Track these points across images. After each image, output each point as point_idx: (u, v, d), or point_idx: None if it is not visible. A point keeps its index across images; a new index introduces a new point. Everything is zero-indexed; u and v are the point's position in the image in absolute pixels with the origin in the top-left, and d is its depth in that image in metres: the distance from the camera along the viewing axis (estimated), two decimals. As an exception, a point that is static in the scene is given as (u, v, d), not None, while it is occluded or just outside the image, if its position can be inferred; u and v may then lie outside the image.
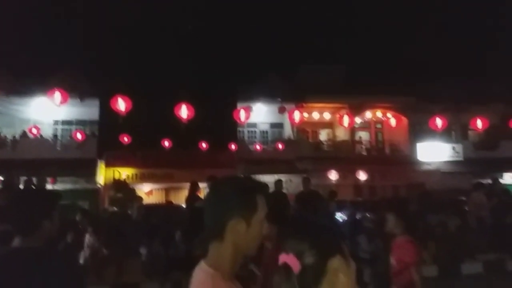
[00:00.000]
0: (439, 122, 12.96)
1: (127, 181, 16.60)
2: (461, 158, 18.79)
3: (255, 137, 21.48)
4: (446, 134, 18.84)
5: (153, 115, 16.10)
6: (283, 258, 1.27)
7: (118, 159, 18.02)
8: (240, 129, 20.33)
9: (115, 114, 11.40)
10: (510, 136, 17.93)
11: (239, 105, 16.51)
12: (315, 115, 20.79)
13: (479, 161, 18.38)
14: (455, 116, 17.59)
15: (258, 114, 20.36)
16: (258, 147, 19.68)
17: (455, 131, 19.55)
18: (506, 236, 10.26)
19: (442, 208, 11.00)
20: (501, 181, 17.71)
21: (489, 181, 15.04)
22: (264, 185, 1.64)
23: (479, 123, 13.57)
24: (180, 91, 13.84)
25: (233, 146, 18.25)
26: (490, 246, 10.31)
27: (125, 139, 16.61)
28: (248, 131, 21.64)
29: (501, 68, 20.48)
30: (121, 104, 11.07)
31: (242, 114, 13.90)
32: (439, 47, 32.57)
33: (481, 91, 17.82)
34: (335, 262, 1.22)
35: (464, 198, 12.20)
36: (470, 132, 19.57)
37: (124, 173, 17.79)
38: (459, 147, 19.00)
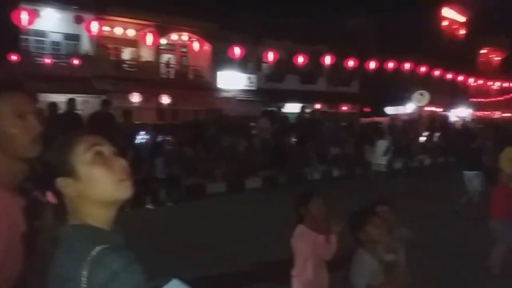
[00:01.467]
0: (237, 51, 13.76)
1: None
2: (254, 88, 20.74)
3: (45, 48, 18.49)
4: (244, 64, 20.33)
5: None
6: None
7: None
8: (24, 37, 17.12)
9: None
10: (294, 71, 20.62)
11: (21, 6, 13.64)
12: (118, 31, 19.14)
13: (269, 91, 20.72)
14: (252, 48, 19.00)
15: (49, 22, 17.47)
16: (48, 61, 17.14)
17: (252, 63, 21.24)
18: (281, 155, 12.16)
19: (234, 131, 12.12)
20: (284, 110, 20.61)
21: (274, 109, 17.25)
22: None
23: (270, 56, 15.03)
24: None
25: (14, 57, 15.37)
26: (269, 164, 12.07)
27: None
28: (36, 41, 18.42)
29: (294, 8, 22.82)
30: None
31: (24, 17, 11.55)
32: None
33: (275, 27, 19.58)
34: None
35: (253, 124, 13.67)
36: (263, 65, 21.58)
37: None
38: (253, 77, 20.85)
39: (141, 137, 10.39)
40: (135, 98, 17.79)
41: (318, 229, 2.95)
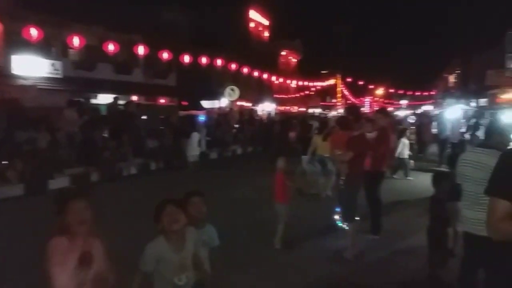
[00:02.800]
0: (34, 33, 11.97)
1: None
2: (60, 76, 18.49)
3: None
4: (47, 49, 17.90)
5: None
6: None
7: None
8: None
9: None
10: (106, 59, 19.25)
11: None
12: None
13: (78, 80, 18.79)
14: (55, 31, 16.87)
15: None
16: None
17: (56, 48, 18.89)
18: (92, 150, 11.19)
19: (34, 125, 10.55)
20: (95, 101, 19.06)
21: (81, 99, 15.78)
22: None
23: (76, 41, 13.60)
24: None
25: None
26: (77, 161, 10.95)
27: None
28: None
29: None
30: None
31: None
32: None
33: (83, 10, 17.86)
34: None
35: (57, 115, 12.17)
36: (71, 51, 19.46)
37: None
38: (58, 64, 18.55)
39: None
40: None
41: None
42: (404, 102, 58.71)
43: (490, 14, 50.47)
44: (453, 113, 13.90)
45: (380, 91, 61.73)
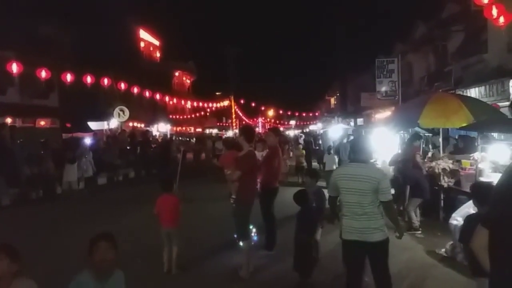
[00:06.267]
0: None
1: None
2: None
3: None
4: None
5: None
6: None
7: None
8: None
9: None
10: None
11: None
12: None
13: None
14: None
15: None
16: None
17: None
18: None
19: None
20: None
21: None
22: None
23: None
24: None
25: None
26: None
27: None
28: None
29: None
30: None
31: None
32: None
33: None
34: None
35: None
36: None
37: None
38: None
39: None
40: None
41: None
42: (293, 122, 62.51)
43: (364, 43, 56.93)
44: (335, 131, 15.22)
45: (271, 112, 64.84)
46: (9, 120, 18.45)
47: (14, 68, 13.17)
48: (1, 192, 10.87)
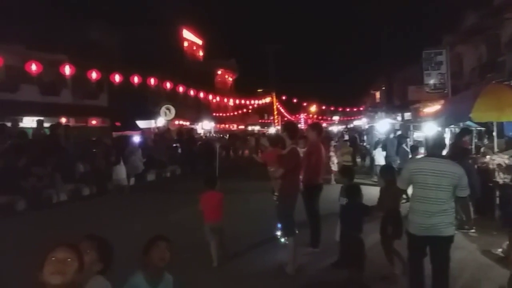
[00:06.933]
0: None
1: None
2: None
3: None
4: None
5: None
6: None
7: None
8: None
9: None
10: (31, 80, 18.09)
11: None
12: None
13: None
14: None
15: None
16: None
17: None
18: (15, 177, 10.32)
19: None
20: (22, 124, 17.71)
21: (6, 123, 14.60)
22: None
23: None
24: None
25: None
26: (0, 189, 10.04)
27: None
28: None
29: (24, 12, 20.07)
30: None
31: None
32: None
33: (3, 29, 16.72)
34: None
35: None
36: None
37: None
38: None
39: None
40: None
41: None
42: (336, 118, 61.41)
43: (409, 34, 54.92)
44: (382, 127, 14.81)
45: (313, 108, 64.13)
46: (63, 120, 19.52)
47: (67, 70, 13.90)
48: (59, 188, 11.52)
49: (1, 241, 7.10)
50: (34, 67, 12.66)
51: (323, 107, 57.05)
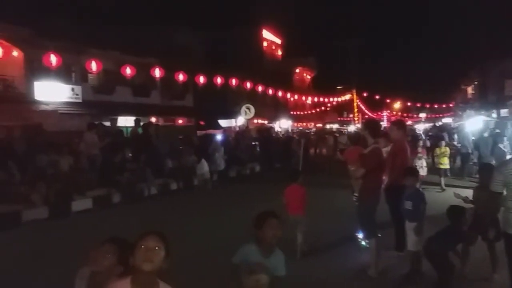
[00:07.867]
0: (53, 59, 12.39)
1: None
2: (80, 100, 18.99)
3: None
4: (66, 74, 18.44)
5: None
6: None
7: None
8: None
9: None
10: (125, 83, 19.71)
11: None
12: None
13: (97, 103, 19.26)
14: (75, 57, 17.40)
15: None
16: None
17: (75, 73, 19.45)
18: (113, 172, 11.37)
19: (56, 148, 10.78)
20: (118, 123, 19.45)
21: (104, 122, 16.11)
22: None
23: (93, 66, 13.98)
24: None
25: None
26: (98, 183, 11.10)
27: None
28: None
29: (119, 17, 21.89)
30: None
31: None
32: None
33: (97, 36, 18.40)
34: None
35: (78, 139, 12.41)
36: (90, 75, 20.03)
37: None
38: (78, 88, 19.09)
39: None
40: None
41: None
42: (423, 115, 57.83)
43: (505, 23, 49.84)
44: (474, 124, 13.69)
45: (397, 104, 61.19)
46: (153, 119, 20.96)
47: (157, 73, 14.91)
48: (150, 182, 12.42)
49: (100, 231, 7.84)
50: (128, 70, 13.77)
51: (409, 104, 54.13)
